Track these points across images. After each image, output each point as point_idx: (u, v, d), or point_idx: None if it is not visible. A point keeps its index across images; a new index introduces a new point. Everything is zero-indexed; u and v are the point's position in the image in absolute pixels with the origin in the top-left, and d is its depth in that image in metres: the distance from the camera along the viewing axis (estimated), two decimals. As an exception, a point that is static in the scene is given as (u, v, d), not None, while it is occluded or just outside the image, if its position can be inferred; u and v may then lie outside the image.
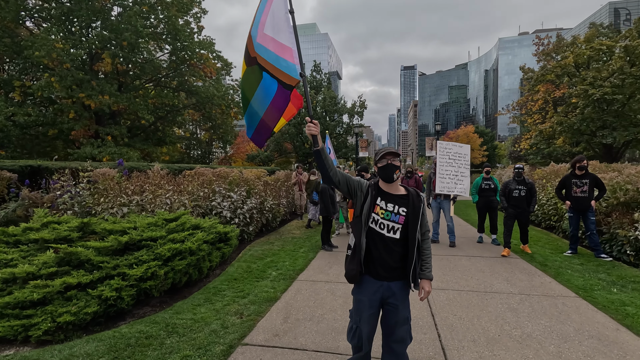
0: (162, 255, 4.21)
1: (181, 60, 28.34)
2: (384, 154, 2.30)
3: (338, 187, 2.38)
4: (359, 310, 2.33)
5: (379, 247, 2.27)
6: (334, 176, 2.33)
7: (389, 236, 2.25)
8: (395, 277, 2.29)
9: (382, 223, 2.26)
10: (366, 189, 2.33)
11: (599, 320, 3.72)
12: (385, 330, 2.40)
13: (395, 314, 2.32)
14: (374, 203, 2.28)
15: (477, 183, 7.43)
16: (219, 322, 3.70)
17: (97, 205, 5.74)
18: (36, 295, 3.40)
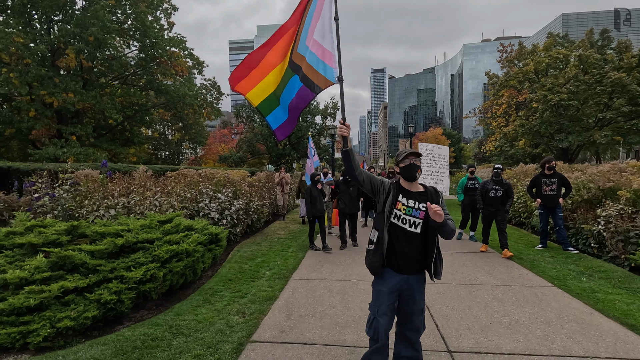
0: (160, 257, 4.16)
1: (150, 57, 27.40)
2: (407, 154, 2.48)
3: (362, 186, 2.53)
4: (379, 301, 2.48)
5: (400, 241, 2.44)
6: (359, 175, 2.49)
7: (411, 231, 2.42)
8: (415, 270, 2.47)
9: (404, 218, 2.43)
10: (388, 186, 2.52)
11: (575, 306, 4.10)
12: (401, 318, 2.57)
13: (412, 303, 2.49)
14: (395, 200, 2.46)
15: (463, 183, 7.79)
16: (223, 322, 3.72)
17: (81, 208, 5.53)
18: (32, 300, 3.28)
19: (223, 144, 62.12)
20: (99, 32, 21.44)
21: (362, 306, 4.16)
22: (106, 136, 27.78)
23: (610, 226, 6.04)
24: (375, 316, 2.48)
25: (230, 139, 66.03)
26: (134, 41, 27.60)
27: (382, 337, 2.48)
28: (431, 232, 2.43)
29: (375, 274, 2.53)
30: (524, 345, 3.20)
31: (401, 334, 2.61)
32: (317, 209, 6.62)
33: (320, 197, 6.60)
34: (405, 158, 2.49)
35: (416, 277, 2.50)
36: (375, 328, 2.47)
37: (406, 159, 2.49)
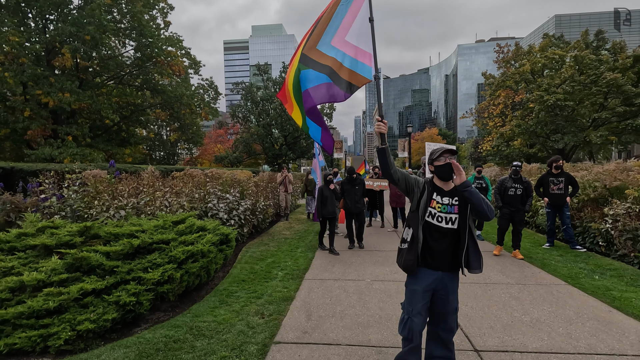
0: (177, 258, 4.11)
1: (147, 57, 27.17)
2: (442, 152, 2.46)
3: (397, 184, 2.53)
4: (413, 300, 2.46)
5: (435, 239, 2.44)
6: (394, 174, 2.49)
7: (447, 227, 2.43)
8: (449, 268, 2.46)
9: (439, 216, 2.43)
10: (422, 185, 2.51)
11: (592, 304, 4.12)
12: (434, 318, 2.55)
13: (446, 303, 2.48)
14: (430, 198, 2.47)
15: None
16: (243, 323, 3.68)
17: (90, 209, 5.45)
18: (52, 303, 3.21)
19: (219, 145, 61.89)
20: (96, 31, 21.21)
21: (381, 306, 4.15)
22: (102, 136, 27.49)
23: (618, 224, 6.09)
24: (409, 316, 2.47)
25: (226, 139, 65.80)
26: (130, 40, 27.37)
27: (417, 337, 2.47)
28: (463, 226, 2.42)
29: (409, 273, 2.52)
30: (549, 343, 3.20)
31: (434, 333, 2.60)
32: (328, 210, 6.54)
33: (332, 198, 6.53)
34: (440, 156, 2.47)
35: (450, 275, 2.49)
36: (409, 328, 2.45)
37: (441, 157, 2.47)
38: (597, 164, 16.31)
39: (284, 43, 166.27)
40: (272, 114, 53.60)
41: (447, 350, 2.57)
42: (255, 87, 53.99)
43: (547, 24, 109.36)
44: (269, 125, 53.04)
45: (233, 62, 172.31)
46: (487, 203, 2.35)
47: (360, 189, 6.84)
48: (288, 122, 50.37)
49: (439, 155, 2.47)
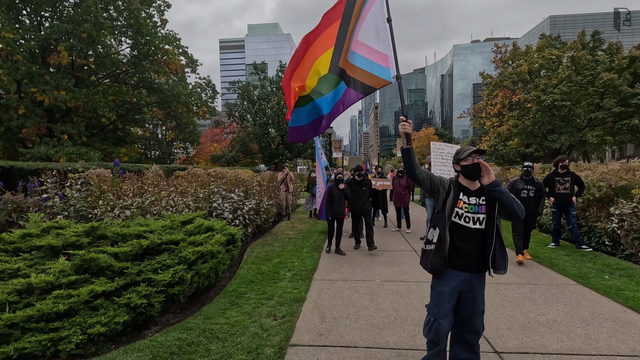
0: (187, 259, 4.03)
1: (143, 55, 26.94)
2: (471, 152, 2.40)
3: (422, 185, 2.47)
4: (439, 302, 2.41)
5: (462, 240, 2.39)
6: (419, 174, 2.43)
7: (475, 228, 2.39)
8: (476, 269, 2.41)
9: (466, 217, 2.39)
10: (448, 185, 2.46)
11: (606, 304, 4.10)
12: (460, 320, 2.51)
13: (473, 304, 2.43)
14: (456, 198, 2.42)
15: None
16: (256, 325, 3.61)
17: (94, 209, 5.34)
18: (62, 306, 3.12)
19: (215, 144, 61.65)
20: (92, 28, 20.96)
21: (394, 307, 4.10)
22: (98, 135, 27.21)
23: (625, 224, 6.10)
24: (436, 318, 2.42)
25: (223, 138, 65.52)
26: (127, 38, 27.11)
27: (444, 340, 2.42)
28: (490, 226, 2.38)
29: (436, 275, 2.46)
30: (569, 344, 3.17)
31: (459, 336, 2.55)
32: (336, 210, 6.46)
33: (341, 198, 6.45)
34: (468, 156, 2.42)
35: (477, 276, 2.45)
36: (436, 330, 2.40)
37: (469, 157, 2.41)
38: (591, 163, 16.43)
39: (280, 42, 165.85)
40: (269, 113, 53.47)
41: (473, 352, 2.53)
42: (252, 86, 53.82)
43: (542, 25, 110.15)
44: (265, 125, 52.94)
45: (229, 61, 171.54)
46: (517, 202, 2.30)
47: (367, 189, 6.75)
48: (285, 121, 50.26)
49: (467, 155, 2.42)
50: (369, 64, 2.96)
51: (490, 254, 2.36)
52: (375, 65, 2.93)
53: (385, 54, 2.91)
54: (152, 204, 5.44)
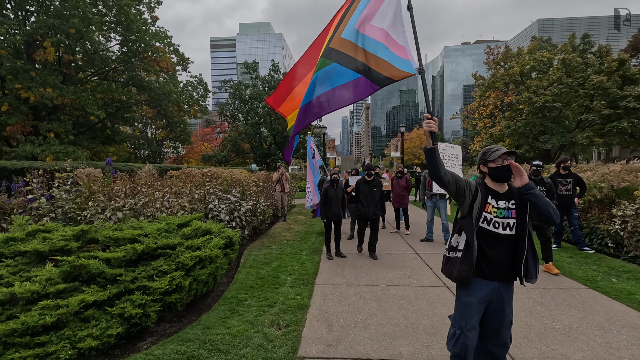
0: (185, 265, 3.78)
1: (133, 52, 26.35)
2: (502, 154, 2.23)
3: (446, 187, 2.29)
4: (467, 314, 2.24)
5: (492, 247, 2.23)
6: (444, 176, 2.25)
7: (505, 234, 2.22)
8: (505, 278, 2.25)
9: (496, 222, 2.22)
10: (475, 188, 2.28)
11: (620, 309, 3.99)
12: (487, 332, 2.34)
13: (501, 316, 2.27)
14: (485, 202, 2.25)
15: None
16: (260, 335, 3.40)
17: (83, 210, 5.05)
18: (49, 318, 2.85)
19: (206, 143, 61.01)
20: (80, 23, 20.37)
21: (403, 314, 3.92)
22: (86, 134, 26.51)
23: (628, 226, 6.04)
24: (462, 331, 2.24)
25: (214, 138, 64.89)
26: (116, 35, 26.48)
27: (471, 355, 2.25)
28: (521, 231, 2.21)
29: (463, 285, 2.27)
30: (591, 354, 3.03)
31: (485, 349, 2.38)
32: (333, 212, 6.21)
33: (337, 199, 6.21)
34: (498, 158, 2.24)
35: (506, 285, 2.28)
36: (463, 344, 2.23)
37: (499, 158, 2.24)
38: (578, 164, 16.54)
39: (271, 42, 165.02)
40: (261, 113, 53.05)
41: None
42: (244, 85, 53.38)
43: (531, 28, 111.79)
44: (257, 124, 52.53)
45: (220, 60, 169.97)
46: (552, 206, 2.14)
47: (378, 190, 6.09)
48: (277, 121, 49.96)
49: (498, 157, 2.24)
50: (386, 53, 2.76)
51: (523, 262, 2.19)
52: (394, 55, 2.74)
53: (403, 45, 2.73)
54: (145, 206, 5.17)
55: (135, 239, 3.98)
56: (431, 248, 7.12)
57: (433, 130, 2.32)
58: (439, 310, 4.01)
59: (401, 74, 2.74)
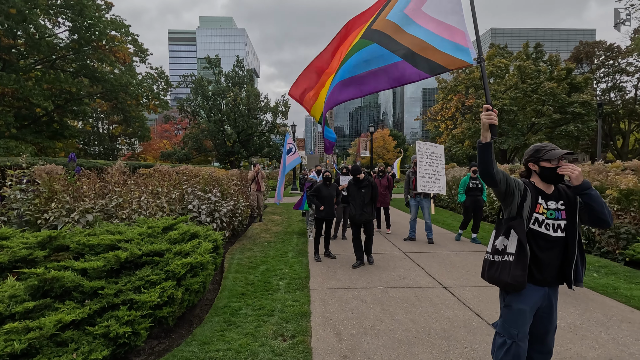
0: (177, 273, 3.36)
1: (86, 40, 24.29)
2: (564, 154, 2.11)
3: (497, 186, 2.12)
4: (519, 322, 2.11)
5: (543, 250, 2.11)
6: (497, 174, 2.08)
7: (556, 236, 2.10)
8: (555, 282, 2.14)
9: (547, 224, 2.10)
10: (523, 187, 2.15)
11: (611, 304, 4.13)
12: (532, 339, 2.22)
13: (549, 321, 2.17)
14: (535, 202, 2.12)
15: (465, 182, 7.44)
16: (266, 349, 3.08)
17: (43, 213, 4.40)
18: (18, 345, 2.35)
19: (165, 140, 58.20)
20: (23, 4, 18.38)
21: (411, 317, 3.77)
22: (30, 127, 24.06)
23: (599, 223, 6.38)
24: (514, 340, 2.10)
25: (173, 134, 62.07)
26: (66, 20, 24.25)
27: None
28: (572, 233, 2.11)
29: (516, 290, 2.11)
30: (604, 352, 3.05)
31: (528, 357, 2.26)
32: (326, 211, 5.95)
33: (331, 198, 5.96)
34: (556, 158, 2.10)
35: (554, 290, 2.18)
36: (515, 355, 2.10)
37: (556, 159, 2.10)
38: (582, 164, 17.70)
39: (234, 37, 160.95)
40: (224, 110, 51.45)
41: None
42: (207, 80, 51.52)
43: (485, 36, 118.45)
44: (221, 122, 50.91)
45: (179, 54, 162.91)
46: (607, 207, 2.04)
47: (367, 192, 5.56)
48: (241, 118, 48.73)
49: (556, 157, 2.09)
50: (439, 41, 2.57)
51: (573, 265, 2.09)
52: (448, 42, 2.53)
53: (461, 30, 2.52)
54: (119, 207, 4.60)
55: (115, 245, 3.49)
56: (417, 247, 7.11)
57: (494, 122, 2.09)
58: (444, 312, 3.91)
59: (457, 63, 2.53)
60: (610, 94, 32.54)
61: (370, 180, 5.60)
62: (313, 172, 8.54)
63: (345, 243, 7.57)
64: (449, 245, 7.30)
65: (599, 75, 31.79)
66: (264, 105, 50.41)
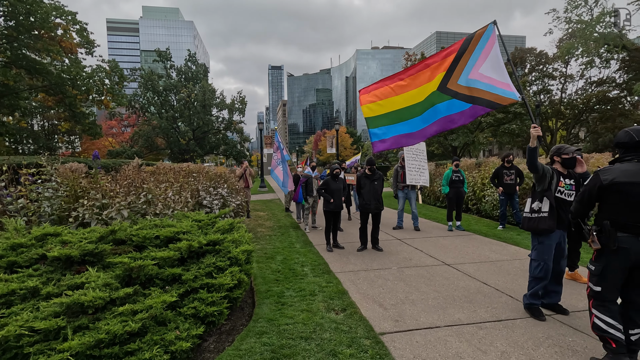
0: (239, 259, 3.67)
1: (25, 27, 22.16)
2: (574, 151, 3.36)
3: (537, 172, 3.29)
4: (548, 251, 3.49)
5: (562, 208, 3.37)
6: (539, 165, 3.29)
7: (569, 200, 3.34)
8: (566, 227, 3.47)
9: (565, 193, 3.36)
10: (551, 172, 3.34)
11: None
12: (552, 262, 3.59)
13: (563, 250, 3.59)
14: (558, 180, 3.35)
15: (448, 176, 8.18)
16: (328, 320, 3.53)
17: (73, 210, 4.41)
18: (134, 324, 2.58)
19: (110, 138, 54.40)
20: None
21: (434, 288, 4.43)
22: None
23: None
24: (545, 262, 3.52)
25: (120, 132, 58.17)
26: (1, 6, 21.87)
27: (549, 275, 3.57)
28: None
29: (547, 233, 3.41)
30: (588, 302, 3.91)
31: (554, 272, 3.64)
32: (335, 204, 6.41)
33: (340, 192, 6.45)
34: (572, 152, 3.38)
35: (565, 233, 3.55)
36: (546, 270, 3.54)
37: (570, 153, 3.38)
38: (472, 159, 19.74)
39: (181, 29, 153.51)
40: (177, 106, 49.40)
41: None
42: (157, 75, 49.03)
43: (430, 39, 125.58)
44: (174, 118, 48.85)
45: (119, 45, 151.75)
46: None
47: (379, 184, 6.20)
48: (196, 115, 47.12)
49: (571, 152, 3.37)
50: (493, 88, 3.89)
51: None
52: (499, 89, 3.86)
53: (506, 82, 3.87)
54: (149, 203, 4.71)
55: (174, 237, 3.71)
56: (407, 234, 7.86)
57: (539, 134, 3.26)
58: (458, 283, 4.62)
59: (507, 100, 3.87)
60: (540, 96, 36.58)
61: (380, 173, 6.20)
62: (308, 168, 8.95)
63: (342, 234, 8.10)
64: (434, 231, 8.17)
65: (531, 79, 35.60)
66: (219, 101, 49.18)
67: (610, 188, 2.57)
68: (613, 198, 2.58)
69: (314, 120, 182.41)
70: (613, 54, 25.02)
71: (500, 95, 3.83)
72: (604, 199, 2.65)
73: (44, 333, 2.47)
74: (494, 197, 9.59)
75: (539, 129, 3.32)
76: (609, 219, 2.60)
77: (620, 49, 23.23)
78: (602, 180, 2.60)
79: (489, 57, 3.96)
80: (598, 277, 2.68)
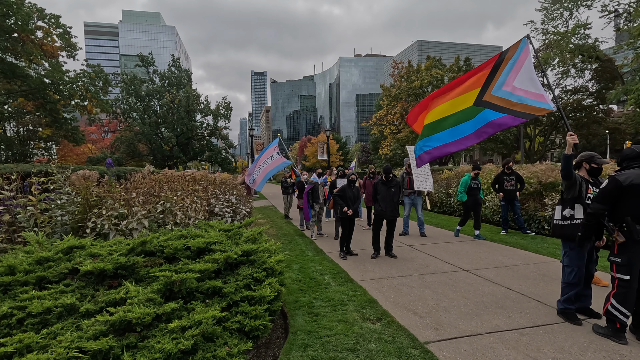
0: (275, 270, 3.57)
1: (4, 30, 21.29)
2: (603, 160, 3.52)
3: (571, 179, 3.42)
4: (580, 257, 3.58)
5: None
6: (573, 172, 3.43)
7: None
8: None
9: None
10: (580, 179, 3.48)
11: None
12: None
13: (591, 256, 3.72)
14: (587, 187, 3.47)
15: (466, 182, 8.05)
16: (366, 331, 3.47)
17: (88, 220, 4.20)
18: (186, 341, 2.45)
19: (90, 144, 52.73)
20: None
21: (462, 295, 4.43)
22: None
23: (558, 212, 7.81)
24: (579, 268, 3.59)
25: (100, 138, 56.50)
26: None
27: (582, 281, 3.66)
28: None
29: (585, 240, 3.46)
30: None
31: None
32: (353, 211, 6.35)
33: (355, 199, 6.39)
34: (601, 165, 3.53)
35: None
36: (580, 276, 3.69)
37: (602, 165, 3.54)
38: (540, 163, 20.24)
39: (162, 34, 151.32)
40: (160, 112, 48.52)
41: None
42: (139, 80, 48.07)
43: (412, 47, 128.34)
44: (157, 124, 47.91)
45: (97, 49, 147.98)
46: None
47: (396, 191, 6.24)
48: (181, 120, 46.37)
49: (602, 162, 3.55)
50: (527, 100, 4.10)
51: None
52: (533, 101, 4.07)
53: (541, 94, 4.07)
54: (169, 212, 4.54)
55: (206, 248, 3.58)
56: (415, 241, 7.89)
57: (576, 142, 3.42)
58: (483, 289, 4.65)
59: (542, 110, 4.11)
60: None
61: (397, 180, 6.20)
62: (314, 175, 8.88)
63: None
64: (440, 237, 8.23)
65: (513, 88, 36.87)
66: (204, 107, 48.54)
67: (629, 188, 3.01)
68: (632, 196, 3.01)
69: (297, 127, 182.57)
70: (587, 64, 26.24)
71: (534, 106, 4.03)
72: (623, 198, 3.05)
73: (92, 353, 2.31)
74: (494, 202, 9.78)
75: (575, 136, 3.41)
76: (629, 215, 3.04)
77: (594, 60, 24.39)
78: (622, 181, 3.02)
79: (522, 70, 4.16)
80: (626, 266, 3.09)
